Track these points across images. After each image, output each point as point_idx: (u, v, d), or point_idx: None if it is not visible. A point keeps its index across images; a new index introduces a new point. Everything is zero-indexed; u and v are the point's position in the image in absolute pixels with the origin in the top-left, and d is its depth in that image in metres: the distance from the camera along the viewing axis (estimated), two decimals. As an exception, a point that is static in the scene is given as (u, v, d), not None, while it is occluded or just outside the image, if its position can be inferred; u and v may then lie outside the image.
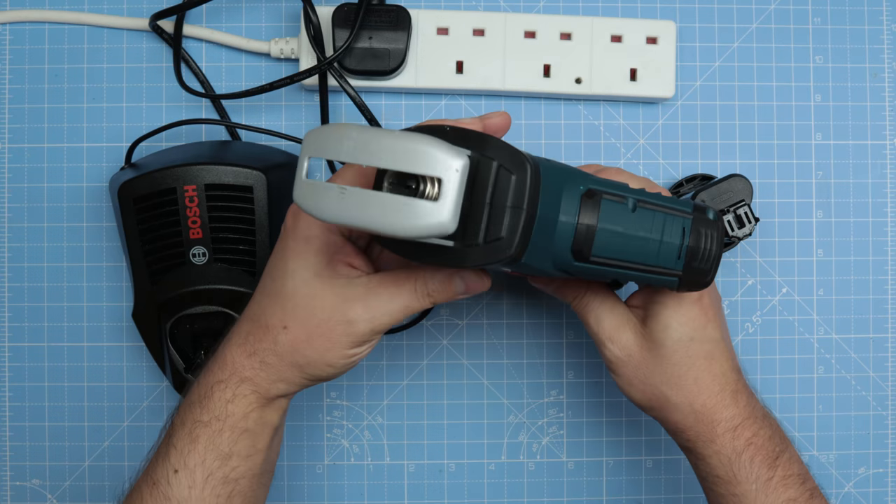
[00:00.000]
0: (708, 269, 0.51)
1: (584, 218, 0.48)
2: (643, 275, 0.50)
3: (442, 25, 0.66)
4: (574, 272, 0.49)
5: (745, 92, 0.68)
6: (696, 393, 0.54)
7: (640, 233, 0.49)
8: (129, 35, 0.67)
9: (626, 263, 0.49)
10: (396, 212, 0.42)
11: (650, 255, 0.50)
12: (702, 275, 0.51)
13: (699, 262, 0.50)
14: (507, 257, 0.44)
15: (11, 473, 0.66)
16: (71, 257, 0.67)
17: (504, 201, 0.44)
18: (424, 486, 0.67)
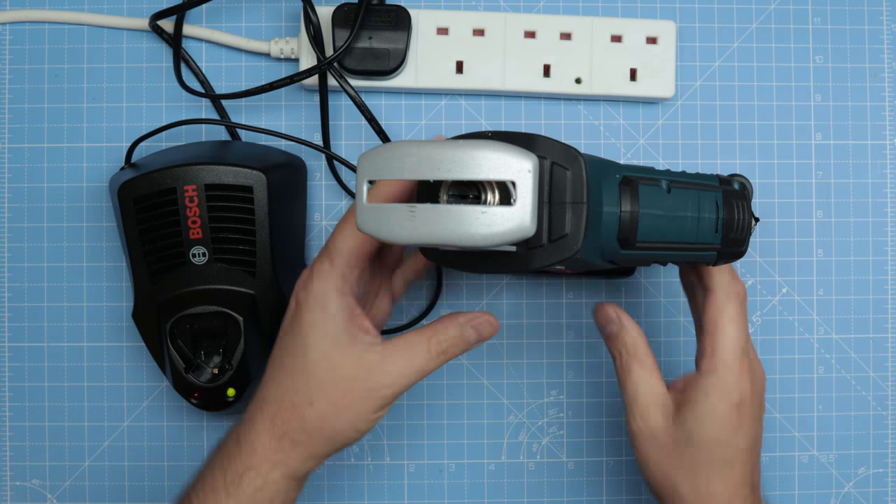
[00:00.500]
0: (742, 238, 0.52)
1: (625, 206, 0.47)
2: (685, 253, 0.50)
3: (442, 25, 0.66)
4: (620, 260, 0.49)
5: (745, 92, 0.68)
6: (705, 497, 0.53)
7: (679, 212, 0.50)
8: (129, 35, 0.67)
9: (669, 244, 0.49)
10: (475, 222, 0.41)
11: (690, 232, 0.50)
12: (738, 244, 0.52)
13: (735, 232, 0.52)
14: (574, 253, 0.43)
15: (11, 473, 0.66)
16: (71, 257, 0.67)
17: (563, 198, 0.44)
18: (424, 486, 0.67)
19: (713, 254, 0.52)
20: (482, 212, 0.41)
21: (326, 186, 0.68)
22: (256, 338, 0.62)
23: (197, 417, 0.67)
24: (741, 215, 0.52)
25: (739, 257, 0.53)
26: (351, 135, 0.67)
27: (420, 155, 0.42)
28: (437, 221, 0.42)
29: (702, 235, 0.51)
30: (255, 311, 0.61)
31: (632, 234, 0.48)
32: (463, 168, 0.41)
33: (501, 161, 0.41)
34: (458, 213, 0.41)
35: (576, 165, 0.44)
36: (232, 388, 0.62)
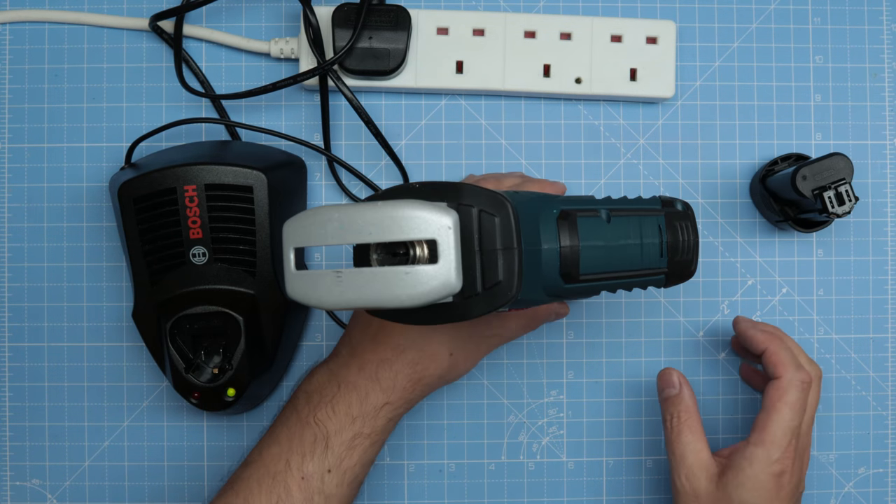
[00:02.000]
0: (689, 259, 0.52)
1: (564, 240, 0.47)
2: (632, 280, 0.51)
3: (442, 25, 0.66)
4: (566, 294, 0.49)
5: (745, 92, 0.68)
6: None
7: (621, 241, 0.50)
8: (129, 35, 0.67)
9: (614, 274, 0.50)
10: (400, 283, 0.41)
11: (635, 259, 0.50)
12: (685, 266, 0.52)
13: (681, 254, 0.51)
14: (510, 299, 0.44)
15: (11, 473, 0.66)
16: (71, 257, 0.67)
17: (494, 244, 0.44)
18: (424, 486, 0.67)
19: (661, 277, 0.52)
20: (406, 272, 0.41)
21: (326, 186, 0.68)
22: (256, 338, 0.62)
23: (197, 417, 0.67)
24: (686, 236, 0.52)
25: (689, 278, 0.53)
26: (351, 135, 0.67)
27: (341, 220, 0.42)
28: (363, 285, 0.42)
29: (647, 261, 0.51)
30: (255, 311, 0.61)
31: (574, 268, 0.48)
32: (384, 230, 0.41)
33: (421, 220, 0.41)
34: (384, 275, 0.42)
35: (503, 211, 0.44)
36: (232, 388, 0.62)
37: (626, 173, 0.68)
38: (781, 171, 0.64)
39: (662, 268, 0.51)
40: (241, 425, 0.67)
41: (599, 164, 0.68)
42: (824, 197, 0.60)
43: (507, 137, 0.68)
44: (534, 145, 0.68)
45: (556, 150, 0.68)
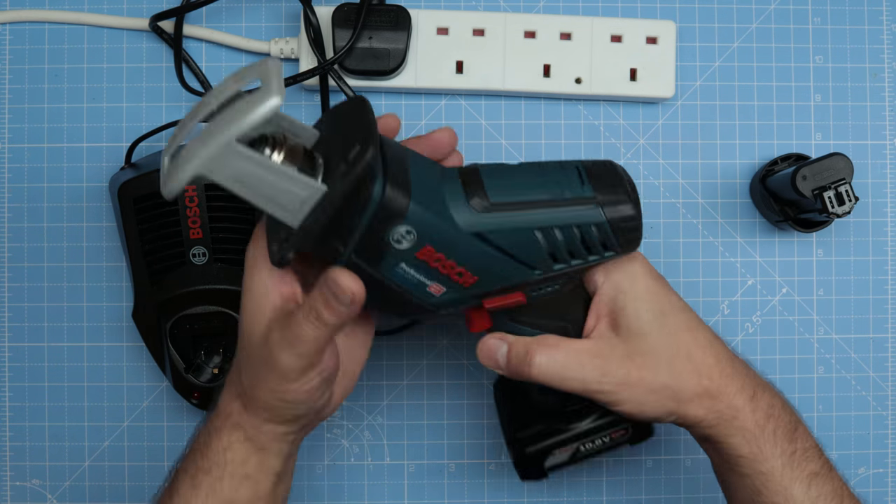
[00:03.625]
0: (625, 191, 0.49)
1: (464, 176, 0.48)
2: (560, 210, 0.48)
3: (442, 25, 0.66)
4: (489, 231, 0.47)
5: (745, 92, 0.68)
6: (697, 372, 0.51)
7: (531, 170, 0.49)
8: (129, 35, 0.67)
9: (533, 202, 0.48)
10: (232, 116, 0.41)
11: (551, 185, 0.48)
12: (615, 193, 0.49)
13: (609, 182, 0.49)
14: (369, 167, 0.43)
15: (11, 473, 0.66)
16: (71, 257, 0.67)
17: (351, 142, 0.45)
18: (424, 486, 0.67)
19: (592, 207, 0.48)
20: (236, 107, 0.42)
21: (326, 186, 0.68)
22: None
23: (197, 417, 0.67)
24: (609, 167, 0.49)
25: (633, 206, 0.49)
26: (351, 135, 0.67)
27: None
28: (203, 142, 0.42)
29: (567, 187, 0.48)
30: (255, 311, 0.61)
31: (478, 188, 0.47)
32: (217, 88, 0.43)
33: (249, 68, 0.43)
34: (213, 124, 0.42)
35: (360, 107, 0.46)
36: (232, 388, 0.62)
37: (626, 173, 0.68)
38: (781, 171, 0.64)
39: (588, 195, 0.48)
40: (241, 425, 0.67)
41: (599, 164, 0.68)
42: (824, 197, 0.60)
43: (507, 137, 0.68)
44: (534, 145, 0.68)
45: (556, 150, 0.68)
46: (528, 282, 0.50)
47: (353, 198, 0.45)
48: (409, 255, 0.47)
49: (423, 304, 0.49)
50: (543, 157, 0.68)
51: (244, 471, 0.50)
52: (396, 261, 0.47)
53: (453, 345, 0.67)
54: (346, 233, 0.46)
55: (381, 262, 0.47)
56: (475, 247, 0.48)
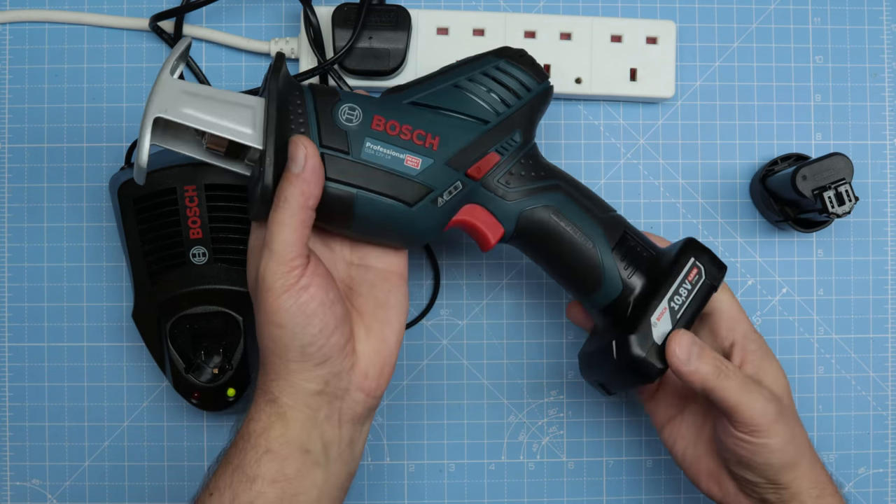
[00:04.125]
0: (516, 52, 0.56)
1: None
2: (464, 69, 0.55)
3: (442, 25, 0.66)
4: (414, 97, 0.54)
5: (745, 92, 0.68)
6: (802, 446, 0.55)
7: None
8: (129, 35, 0.67)
9: (446, 69, 0.56)
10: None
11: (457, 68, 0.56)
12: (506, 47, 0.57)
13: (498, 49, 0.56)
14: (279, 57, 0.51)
15: (11, 473, 0.66)
16: (71, 257, 0.67)
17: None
18: (424, 486, 0.67)
19: (496, 59, 0.56)
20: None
21: (326, 186, 0.68)
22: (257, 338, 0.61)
23: (197, 417, 0.67)
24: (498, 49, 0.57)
25: (526, 56, 0.57)
26: (351, 135, 0.67)
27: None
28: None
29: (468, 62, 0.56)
30: (255, 311, 0.61)
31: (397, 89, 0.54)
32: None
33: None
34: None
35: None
36: (232, 388, 0.62)
37: (626, 173, 0.68)
38: (781, 171, 0.64)
39: (486, 53, 0.56)
40: (241, 425, 0.67)
41: (599, 164, 0.68)
42: (824, 197, 0.60)
43: (507, 137, 0.68)
44: (534, 145, 0.68)
45: (556, 150, 0.68)
46: (483, 136, 0.54)
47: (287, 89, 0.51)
48: (366, 129, 0.51)
49: (411, 179, 0.52)
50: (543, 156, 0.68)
51: (266, 444, 0.49)
52: (361, 139, 0.51)
53: (453, 345, 0.67)
54: (305, 129, 0.51)
55: (349, 145, 0.51)
56: (418, 110, 0.53)
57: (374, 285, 0.54)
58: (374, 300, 0.53)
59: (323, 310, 0.49)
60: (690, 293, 0.55)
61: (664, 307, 0.54)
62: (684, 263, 0.55)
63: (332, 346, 0.50)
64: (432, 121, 0.53)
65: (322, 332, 0.49)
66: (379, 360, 0.52)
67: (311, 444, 0.50)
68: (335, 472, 0.51)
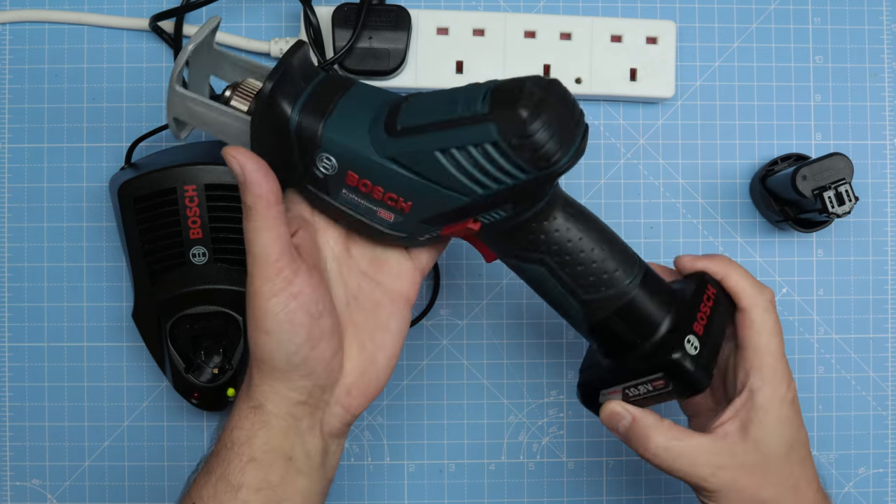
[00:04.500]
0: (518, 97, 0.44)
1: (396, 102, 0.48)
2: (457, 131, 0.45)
3: (442, 25, 0.66)
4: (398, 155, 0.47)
5: (745, 92, 0.68)
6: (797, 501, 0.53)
7: (446, 94, 0.48)
8: (129, 35, 0.67)
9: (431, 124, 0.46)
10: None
11: (455, 105, 0.46)
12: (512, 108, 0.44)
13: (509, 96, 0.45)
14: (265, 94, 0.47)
15: (11, 473, 0.66)
16: (71, 257, 0.67)
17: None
18: (424, 486, 0.67)
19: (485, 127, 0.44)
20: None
21: (326, 186, 0.68)
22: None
23: (197, 417, 0.67)
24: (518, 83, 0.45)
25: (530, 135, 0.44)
26: (351, 135, 0.67)
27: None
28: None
29: (467, 106, 0.45)
30: (255, 311, 0.61)
31: (395, 114, 0.48)
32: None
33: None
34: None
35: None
36: (232, 388, 0.62)
37: (626, 173, 0.68)
38: (781, 171, 0.64)
39: (482, 113, 0.45)
40: (241, 425, 0.67)
41: (599, 164, 0.68)
42: (824, 197, 0.60)
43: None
44: (534, 145, 0.68)
45: (556, 150, 0.68)
46: (463, 207, 0.48)
47: (271, 126, 0.48)
48: (341, 181, 0.48)
49: (384, 231, 0.50)
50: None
51: (250, 452, 0.49)
52: (337, 187, 0.49)
53: (453, 345, 0.67)
54: (290, 162, 0.49)
55: (328, 189, 0.49)
56: (393, 172, 0.47)
57: (379, 304, 0.53)
58: (375, 320, 0.52)
59: (311, 320, 0.48)
60: (650, 393, 0.52)
61: (617, 389, 0.53)
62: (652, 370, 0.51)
63: (317, 358, 0.49)
64: (407, 186, 0.47)
65: (308, 342, 0.48)
66: (364, 380, 0.51)
67: (293, 451, 0.50)
68: (317, 480, 0.51)
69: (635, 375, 0.52)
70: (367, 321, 0.52)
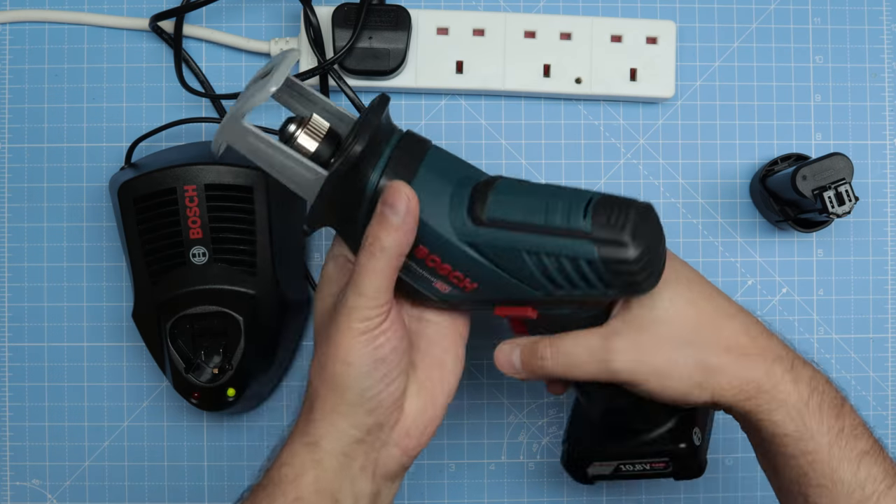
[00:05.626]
0: (624, 228, 0.45)
1: (479, 185, 0.47)
2: (550, 239, 0.46)
3: (442, 25, 0.66)
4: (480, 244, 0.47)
5: (745, 92, 0.68)
6: (724, 339, 0.48)
7: (542, 192, 0.47)
8: (129, 35, 0.67)
9: (526, 225, 0.46)
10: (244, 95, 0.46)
11: (553, 210, 0.46)
12: (616, 235, 0.45)
13: (612, 218, 0.45)
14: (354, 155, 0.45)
15: (11, 473, 0.66)
16: (71, 257, 0.67)
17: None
18: (424, 486, 0.67)
19: (586, 245, 0.45)
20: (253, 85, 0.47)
21: (326, 186, 0.68)
22: (256, 338, 0.62)
23: (197, 417, 0.67)
24: (624, 205, 0.46)
25: (631, 266, 0.45)
26: (351, 135, 0.67)
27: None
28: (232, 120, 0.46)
29: (568, 216, 0.46)
30: (255, 311, 0.61)
31: (483, 199, 0.46)
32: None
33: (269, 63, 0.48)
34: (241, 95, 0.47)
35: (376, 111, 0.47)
36: (232, 388, 0.62)
37: (626, 173, 0.68)
38: (781, 171, 0.64)
39: (586, 230, 0.45)
40: (241, 425, 0.67)
41: (599, 164, 0.68)
42: (824, 197, 0.60)
43: (507, 137, 0.68)
44: (534, 145, 0.68)
45: (556, 150, 0.68)
46: (530, 299, 0.48)
47: (348, 185, 0.46)
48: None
49: (433, 300, 0.49)
50: (543, 156, 0.68)
51: (296, 492, 0.47)
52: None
53: (453, 345, 0.67)
54: (353, 220, 0.47)
55: None
56: (469, 256, 0.47)
57: (432, 342, 0.52)
58: (431, 358, 0.51)
59: (394, 356, 0.48)
60: (645, 471, 0.55)
61: (612, 464, 0.55)
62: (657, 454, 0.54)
63: (388, 395, 0.48)
64: (479, 271, 0.47)
65: (385, 379, 0.48)
66: (424, 420, 0.50)
67: (341, 494, 0.48)
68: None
69: (637, 456, 0.54)
70: (424, 360, 0.51)
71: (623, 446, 0.55)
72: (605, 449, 0.56)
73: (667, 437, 0.54)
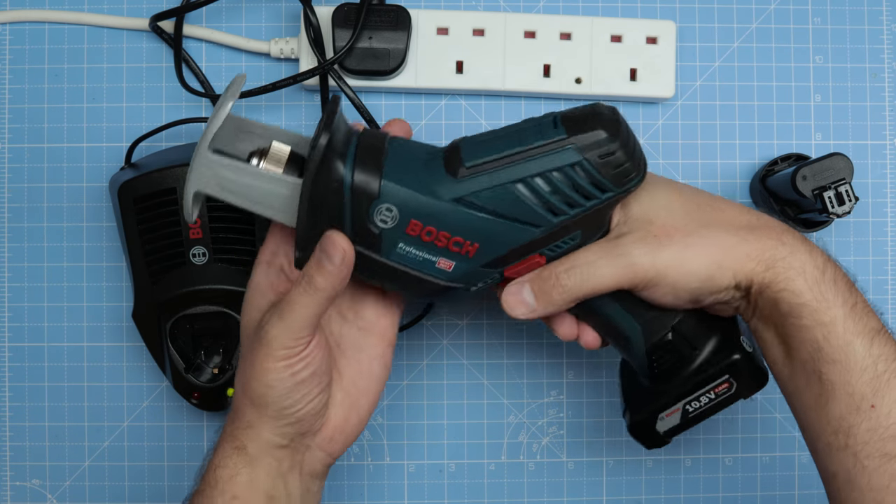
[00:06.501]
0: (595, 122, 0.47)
1: (447, 147, 0.49)
2: (531, 160, 0.47)
3: (442, 25, 0.66)
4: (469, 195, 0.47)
5: (745, 92, 0.68)
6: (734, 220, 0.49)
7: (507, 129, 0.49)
8: (129, 35, 0.67)
9: (504, 156, 0.47)
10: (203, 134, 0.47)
11: (524, 137, 0.47)
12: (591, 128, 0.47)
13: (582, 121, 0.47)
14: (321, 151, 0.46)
15: (11, 473, 0.66)
16: (71, 257, 0.67)
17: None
18: (424, 486, 0.67)
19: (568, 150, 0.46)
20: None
21: (326, 186, 0.68)
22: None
23: (197, 417, 0.67)
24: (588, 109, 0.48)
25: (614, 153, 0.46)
26: (351, 135, 0.67)
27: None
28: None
29: (540, 135, 0.47)
30: (255, 311, 0.61)
31: (456, 155, 0.47)
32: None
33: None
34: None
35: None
36: (232, 388, 0.62)
37: (626, 173, 0.68)
38: (781, 171, 0.64)
39: (560, 137, 0.47)
40: (241, 425, 0.67)
41: (599, 164, 0.68)
42: (824, 197, 0.60)
43: (507, 137, 0.68)
44: (534, 145, 0.68)
45: (556, 150, 0.68)
46: (533, 240, 0.49)
47: (324, 184, 0.47)
48: (400, 233, 0.48)
49: (441, 283, 0.50)
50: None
51: (233, 490, 0.50)
52: (393, 241, 0.48)
53: (453, 345, 0.67)
54: (338, 222, 0.48)
55: (380, 246, 0.48)
56: (462, 214, 0.48)
57: (361, 349, 0.53)
58: (358, 365, 0.53)
59: (314, 378, 0.50)
60: (711, 402, 0.52)
61: (678, 408, 0.52)
62: (716, 375, 0.51)
63: (309, 410, 0.50)
64: (475, 227, 0.48)
65: (305, 398, 0.50)
66: (348, 426, 0.53)
67: (275, 490, 0.51)
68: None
69: (697, 387, 0.52)
70: (350, 367, 0.53)
71: (680, 383, 0.52)
72: (664, 393, 0.53)
73: (718, 352, 0.51)
